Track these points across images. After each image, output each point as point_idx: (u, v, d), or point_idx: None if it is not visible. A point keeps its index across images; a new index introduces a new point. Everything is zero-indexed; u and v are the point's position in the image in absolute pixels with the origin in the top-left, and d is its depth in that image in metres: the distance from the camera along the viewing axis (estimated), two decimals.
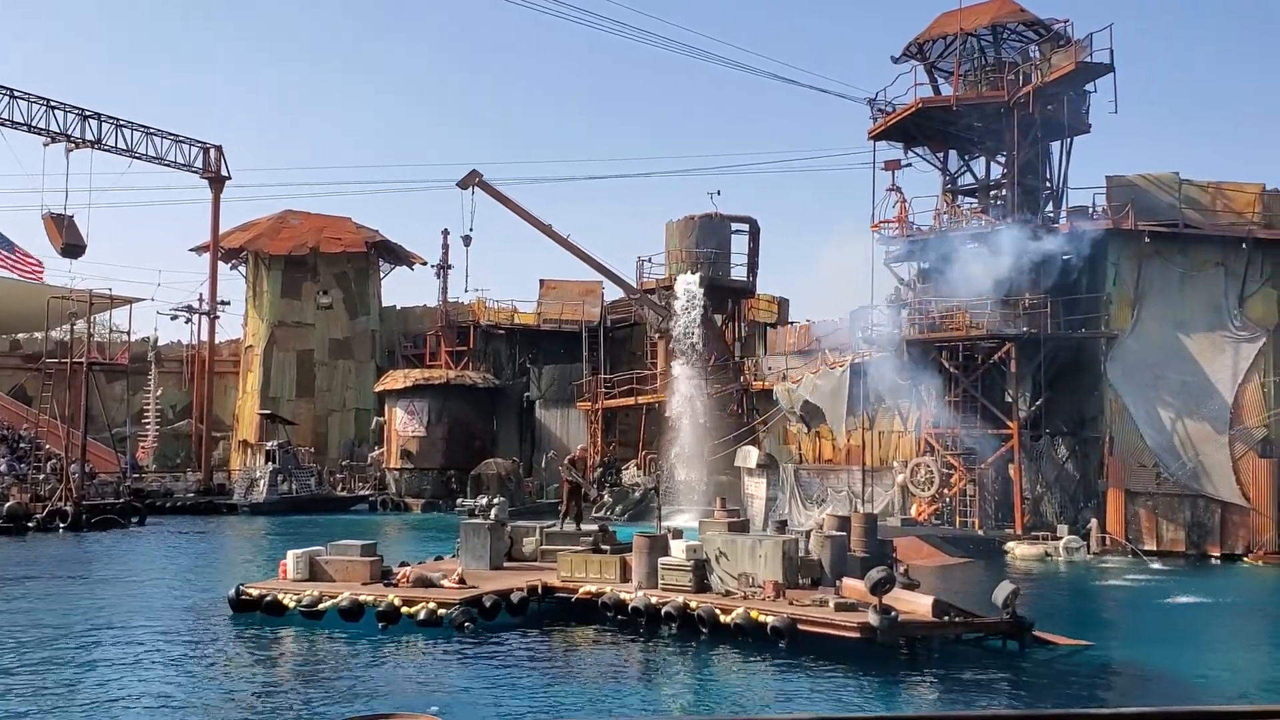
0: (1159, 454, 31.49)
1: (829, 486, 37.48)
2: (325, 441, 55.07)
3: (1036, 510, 33.79)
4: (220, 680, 15.10)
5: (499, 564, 21.94)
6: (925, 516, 34.31)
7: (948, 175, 38.33)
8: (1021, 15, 35.74)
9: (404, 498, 49.87)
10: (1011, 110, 34.17)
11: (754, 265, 50.26)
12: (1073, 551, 30.28)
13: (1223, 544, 30.78)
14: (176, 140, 49.83)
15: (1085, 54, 32.75)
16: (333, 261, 56.21)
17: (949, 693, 14.80)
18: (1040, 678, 15.83)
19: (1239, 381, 31.24)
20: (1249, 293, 31.69)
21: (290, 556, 20.45)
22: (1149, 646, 18.46)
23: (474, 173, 46.25)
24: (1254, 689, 15.52)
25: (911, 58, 37.46)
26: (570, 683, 15.27)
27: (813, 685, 14.88)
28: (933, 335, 34.59)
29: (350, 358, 56.57)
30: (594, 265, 47.87)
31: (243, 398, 56.52)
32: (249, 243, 56.33)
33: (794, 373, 43.35)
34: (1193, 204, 32.31)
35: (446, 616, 17.92)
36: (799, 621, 16.67)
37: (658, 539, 20.12)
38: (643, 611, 18.18)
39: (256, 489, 46.63)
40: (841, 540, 20.61)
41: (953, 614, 17.04)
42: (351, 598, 18.62)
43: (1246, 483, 30.81)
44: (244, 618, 19.07)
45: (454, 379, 51.87)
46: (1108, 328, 32.48)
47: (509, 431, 54.13)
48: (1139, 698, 14.65)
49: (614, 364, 52.94)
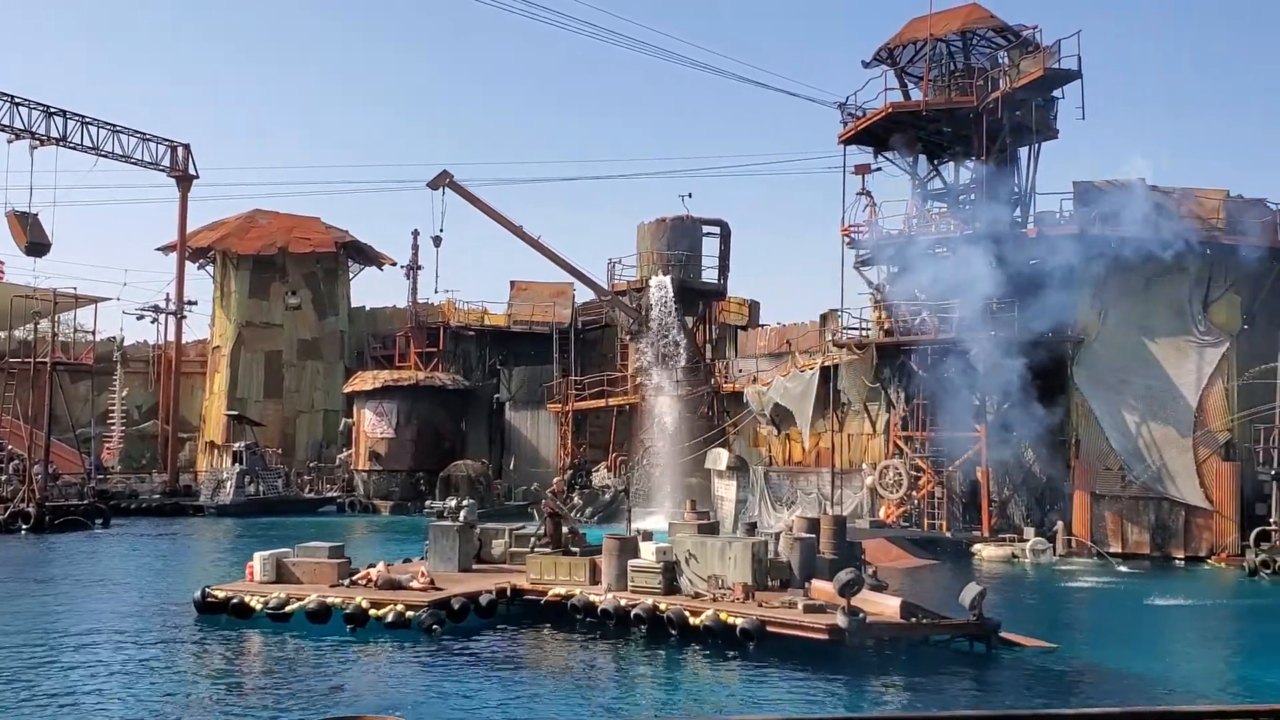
0: (1124, 457, 31.81)
1: (799, 489, 37.63)
2: (293, 443, 54.64)
3: (1003, 513, 34.04)
4: (186, 684, 14.96)
5: (468, 566, 21.88)
6: (893, 519, 34.49)
7: (917, 180, 38.57)
8: (991, 21, 36.02)
9: (372, 499, 49.59)
10: (980, 115, 34.42)
11: (725, 268, 50.35)
12: (1039, 553, 30.53)
13: (1186, 546, 31.12)
14: (143, 138, 49.34)
15: (1053, 60, 33.06)
16: (301, 262, 55.81)
17: (916, 694, 14.89)
18: (1006, 679, 15.96)
19: (1203, 386, 31.60)
20: (1213, 298, 32.07)
21: (257, 558, 20.32)
22: (1114, 648, 18.64)
23: (444, 173, 46.07)
24: (1217, 689, 15.70)
25: (882, 63, 37.68)
26: (538, 685, 15.24)
27: (781, 687, 14.93)
28: (902, 339, 34.79)
29: (319, 359, 56.20)
30: (565, 267, 47.81)
31: (209, 398, 56.03)
32: (217, 242, 55.83)
33: (764, 375, 43.50)
34: (1158, 210, 32.64)
35: (415, 619, 17.85)
36: (768, 623, 16.73)
37: (627, 541, 20.13)
38: (612, 614, 18.19)
39: (223, 490, 46.22)
40: (810, 542, 20.69)
41: (920, 616, 17.16)
42: (319, 600, 18.51)
43: (1210, 486, 31.17)
44: (210, 620, 18.92)
45: (423, 380, 51.63)
46: (1074, 332, 32.78)
47: (478, 433, 53.95)
48: (1104, 698, 14.78)
49: (584, 366, 52.88)
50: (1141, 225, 31.74)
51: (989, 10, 36.23)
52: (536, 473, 50.49)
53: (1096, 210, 32.36)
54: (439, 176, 46.00)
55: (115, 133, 47.70)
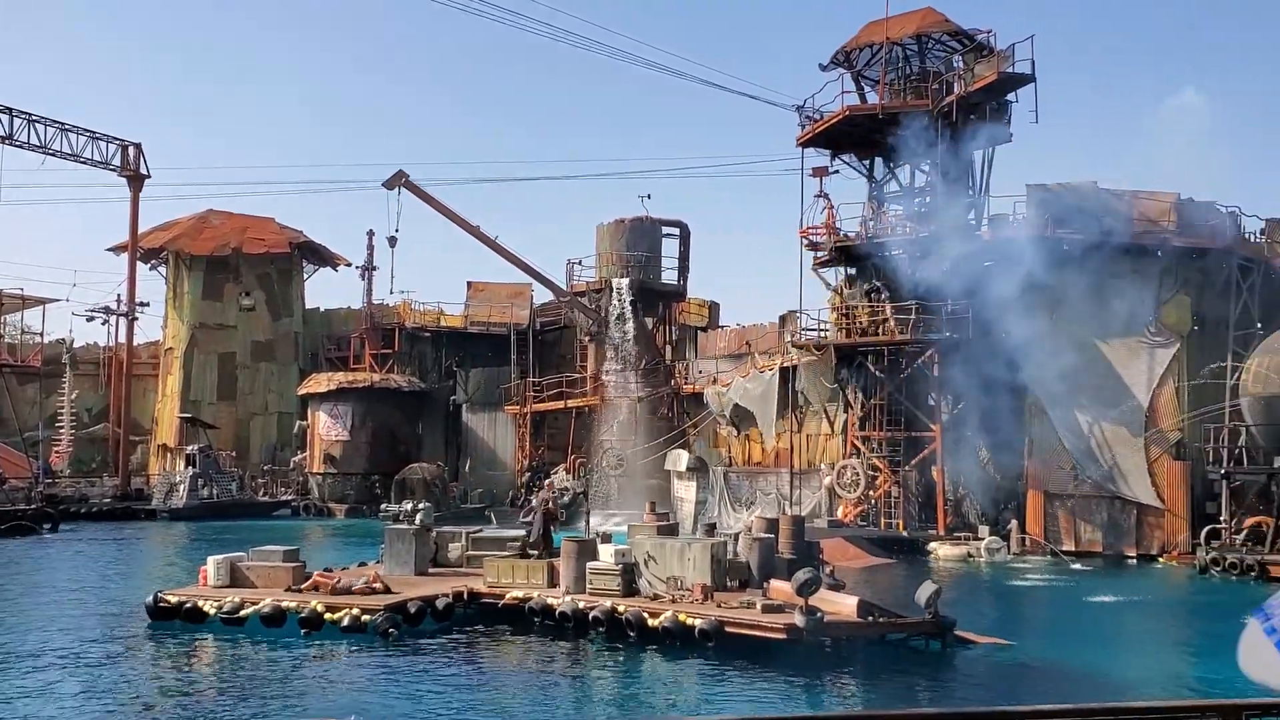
0: (1077, 456, 32.18)
1: (758, 489, 37.73)
2: (247, 445, 54.04)
3: (959, 511, 34.35)
4: (137, 690, 14.72)
5: (424, 570, 21.73)
6: (851, 518, 34.69)
7: (874, 182, 38.85)
8: (945, 25, 36.34)
9: (327, 503, 49.17)
10: (935, 119, 34.71)
11: (685, 269, 50.48)
12: (993, 552, 30.83)
13: (1138, 544, 31.53)
14: (93, 137, 48.56)
15: (1007, 64, 33.39)
16: (255, 262, 55.21)
17: (873, 692, 14.96)
18: (962, 677, 16.08)
19: (1154, 386, 32.04)
20: (1164, 299, 32.53)
21: (211, 562, 20.07)
22: (1067, 645, 18.84)
23: (400, 173, 45.80)
24: (1167, 686, 15.90)
25: (839, 66, 37.92)
26: (496, 689, 15.15)
27: (739, 686, 14.94)
28: (858, 340, 35.00)
29: (273, 360, 55.61)
30: (523, 267, 47.70)
31: (162, 401, 55.28)
32: (169, 242, 55.10)
33: (724, 376, 43.61)
34: (1110, 212, 33.06)
35: (370, 623, 17.69)
36: (726, 624, 16.75)
37: (586, 544, 20.07)
38: (570, 616, 18.13)
39: (176, 494, 45.65)
40: (769, 542, 20.73)
41: (877, 614, 17.26)
42: (274, 604, 18.30)
43: (1161, 485, 31.61)
44: (162, 625, 18.65)
45: (379, 382, 51.26)
46: (1028, 333, 33.06)
47: (435, 435, 53.64)
48: (1057, 696, 14.91)
49: (543, 367, 52.74)
50: (1093, 227, 32.16)
51: (944, 14, 36.57)
52: (494, 475, 50.35)
53: (1049, 212, 32.73)
54: (394, 176, 45.74)
55: (64, 131, 46.93)
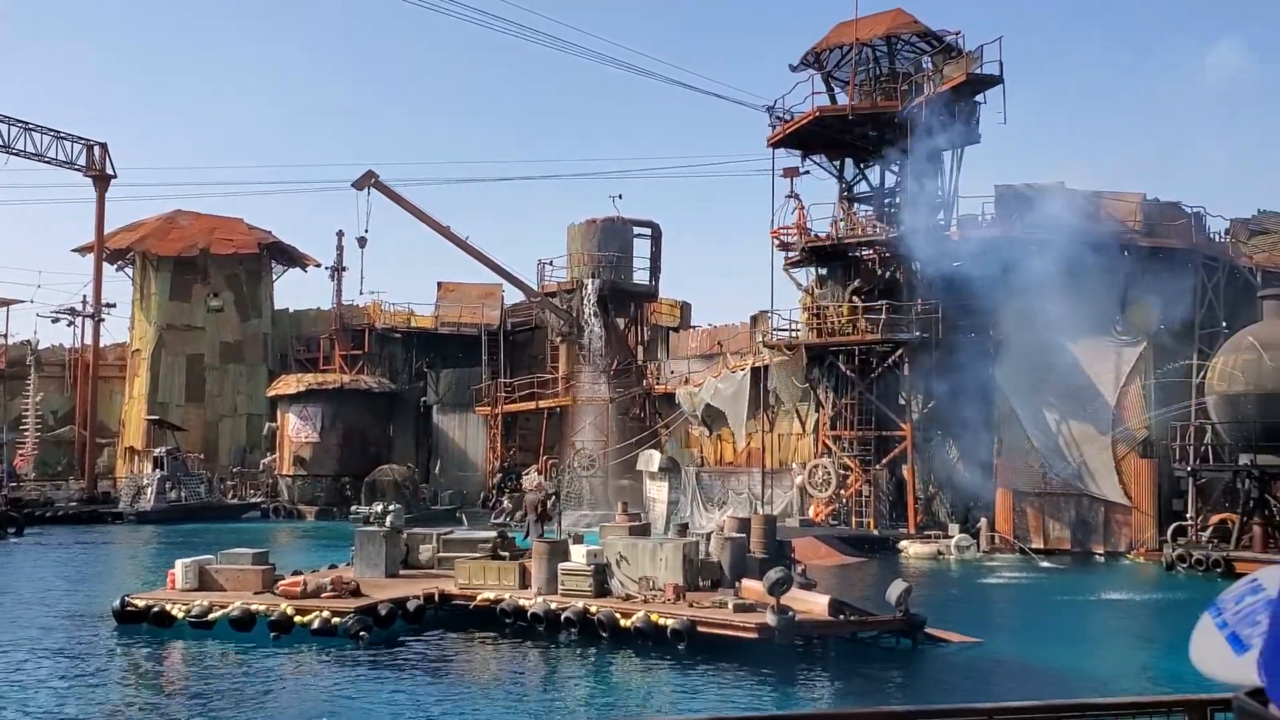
0: (1045, 455, 32.44)
1: (730, 489, 37.82)
2: (215, 448, 53.59)
3: (929, 510, 34.55)
4: (104, 695, 14.56)
5: (395, 572, 21.63)
6: (822, 517, 34.81)
7: (844, 183, 39.02)
8: (915, 26, 36.54)
9: (297, 505, 48.85)
10: (905, 119, 34.89)
11: (656, 269, 50.45)
12: (963, 550, 31.03)
13: (1106, 542, 31.84)
14: (58, 136, 48.03)
15: (975, 66, 33.61)
16: (224, 263, 54.76)
17: (844, 690, 15.02)
18: (931, 674, 16.18)
19: (1121, 385, 32.36)
20: (1130, 299, 32.84)
21: (179, 565, 19.88)
22: (1035, 642, 18.98)
23: (370, 173, 45.54)
24: (1133, 682, 16.04)
25: (809, 66, 38.05)
26: (467, 691, 15.10)
27: (712, 686, 14.96)
28: (829, 339, 35.14)
29: (242, 362, 55.17)
30: (494, 268, 47.54)
31: (129, 403, 54.71)
32: (136, 243, 54.55)
33: (696, 376, 43.66)
34: (1077, 212, 33.36)
35: (341, 626, 17.58)
36: (698, 623, 16.76)
37: (557, 544, 20.04)
38: (542, 617, 18.08)
39: (143, 497, 45.22)
40: (741, 542, 20.78)
41: (848, 613, 17.34)
42: (243, 607, 18.15)
43: (1128, 482, 31.92)
44: (130, 629, 18.46)
45: (348, 383, 50.96)
46: (996, 332, 33.36)
47: (405, 437, 53.40)
48: (1026, 692, 15.01)
49: (514, 368, 52.57)
50: (1061, 227, 32.44)
51: (913, 15, 36.76)
52: (465, 476, 50.17)
53: (1017, 213, 32.98)
54: (364, 176, 45.47)
55: (28, 130, 46.42)
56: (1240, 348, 28.35)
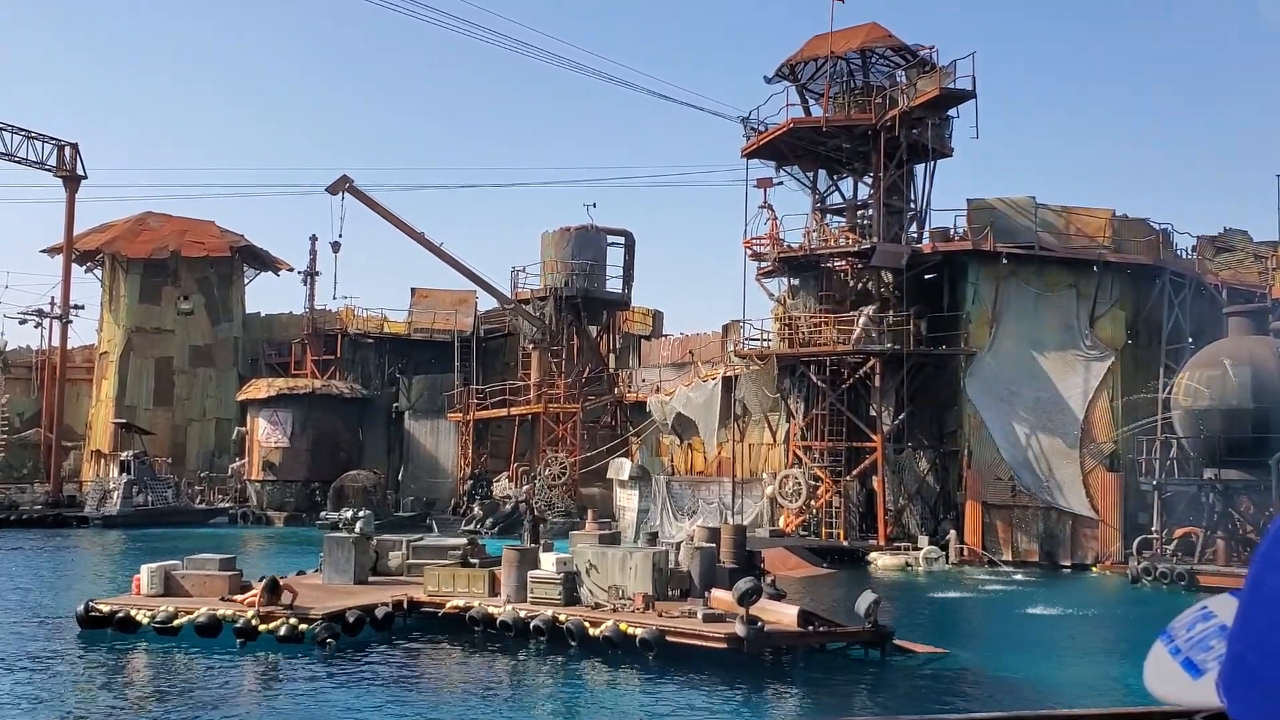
0: (1014, 468, 32.66)
1: (700, 498, 37.81)
2: (184, 452, 53.14)
3: (899, 521, 34.69)
4: (66, 702, 14.40)
5: (364, 578, 21.51)
6: (793, 528, 34.87)
7: (817, 194, 39.22)
8: (889, 40, 36.80)
9: (266, 510, 48.50)
10: (878, 133, 35.12)
11: (629, 278, 50.51)
12: (932, 562, 31.17)
13: (1073, 554, 32.07)
14: (28, 136, 47.60)
15: (949, 80, 33.88)
16: (195, 266, 54.37)
17: (812, 701, 15.06)
18: (899, 685, 16.25)
19: (1089, 399, 32.65)
20: (1099, 313, 33.17)
21: (144, 571, 19.69)
22: (1002, 653, 19.09)
23: (344, 178, 45.35)
24: (1098, 693, 16.17)
25: (784, 78, 38.23)
26: (435, 698, 15.03)
27: (680, 696, 14.96)
28: (801, 350, 35.26)
29: (211, 366, 54.75)
30: (467, 274, 47.43)
31: (96, 406, 54.18)
32: (106, 245, 54.06)
33: (668, 385, 43.69)
34: (1048, 227, 33.71)
35: (308, 632, 17.46)
36: (667, 633, 16.75)
37: (527, 552, 20.00)
38: (511, 625, 18.04)
39: (110, 501, 44.78)
40: (711, 552, 20.79)
41: (817, 624, 17.38)
42: (209, 613, 18.00)
43: (1096, 496, 32.18)
44: (93, 635, 18.26)
45: (319, 389, 50.66)
46: (967, 345, 33.59)
47: (376, 443, 53.12)
48: (992, 703, 15.12)
49: (487, 374, 52.44)
50: (1031, 242, 32.72)
51: (888, 30, 37.02)
52: (436, 483, 49.96)
53: (988, 227, 33.25)
54: (338, 181, 45.28)
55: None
56: (1205, 364, 28.67)
